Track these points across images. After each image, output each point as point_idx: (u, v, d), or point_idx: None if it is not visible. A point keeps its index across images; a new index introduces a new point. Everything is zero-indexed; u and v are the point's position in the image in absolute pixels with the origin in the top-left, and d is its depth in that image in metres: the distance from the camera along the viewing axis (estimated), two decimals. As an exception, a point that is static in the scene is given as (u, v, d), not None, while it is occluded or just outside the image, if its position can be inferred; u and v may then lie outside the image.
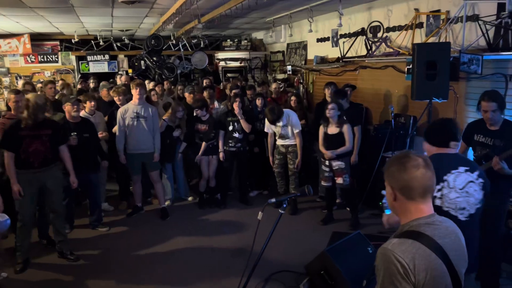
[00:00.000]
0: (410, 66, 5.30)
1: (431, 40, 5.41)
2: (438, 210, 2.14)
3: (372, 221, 5.32)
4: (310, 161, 6.54)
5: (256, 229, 2.43)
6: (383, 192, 2.68)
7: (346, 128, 5.15)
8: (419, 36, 5.70)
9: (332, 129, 5.21)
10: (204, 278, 4.16)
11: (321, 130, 5.33)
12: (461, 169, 2.45)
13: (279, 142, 5.83)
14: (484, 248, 3.23)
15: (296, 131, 5.68)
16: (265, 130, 5.94)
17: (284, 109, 5.70)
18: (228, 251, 4.75)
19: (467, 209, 2.43)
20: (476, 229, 2.50)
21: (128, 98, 5.89)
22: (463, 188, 2.42)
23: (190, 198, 6.39)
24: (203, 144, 5.89)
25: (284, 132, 5.70)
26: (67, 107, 4.91)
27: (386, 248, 1.53)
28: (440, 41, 5.23)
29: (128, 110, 5.47)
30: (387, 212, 2.46)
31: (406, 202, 1.62)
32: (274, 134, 5.84)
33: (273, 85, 7.79)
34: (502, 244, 3.82)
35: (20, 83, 9.22)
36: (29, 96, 4.20)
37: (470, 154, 3.86)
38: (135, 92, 5.44)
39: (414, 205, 1.61)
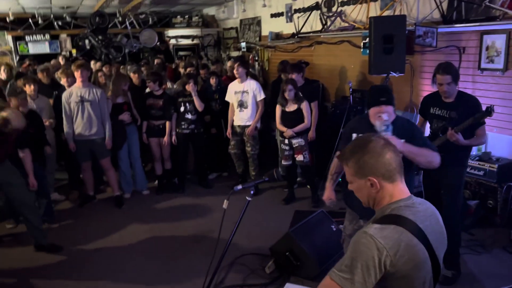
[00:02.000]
0: (366, 41, 5.26)
1: (386, 13, 5.38)
2: None
3: (333, 198, 5.31)
4: (269, 140, 6.43)
5: (222, 218, 2.29)
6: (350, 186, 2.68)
7: (304, 105, 5.08)
8: (374, 10, 5.66)
9: (290, 107, 5.11)
10: (167, 268, 3.99)
11: (278, 108, 5.22)
12: None
13: (236, 120, 5.68)
14: (445, 219, 3.30)
15: (259, 99, 5.55)
16: (226, 99, 5.79)
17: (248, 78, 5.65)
18: (189, 237, 4.58)
19: None
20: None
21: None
22: None
23: (145, 192, 5.92)
24: (145, 123, 5.62)
25: (243, 99, 5.55)
26: (13, 100, 4.42)
27: (366, 232, 1.43)
28: (395, 14, 5.21)
29: (72, 94, 5.07)
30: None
31: (388, 186, 1.53)
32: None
33: (228, 63, 7.56)
34: (461, 214, 3.93)
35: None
36: None
37: (427, 128, 3.88)
38: (77, 74, 5.03)
39: (396, 186, 1.54)
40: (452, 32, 4.70)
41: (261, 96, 5.58)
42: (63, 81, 5.57)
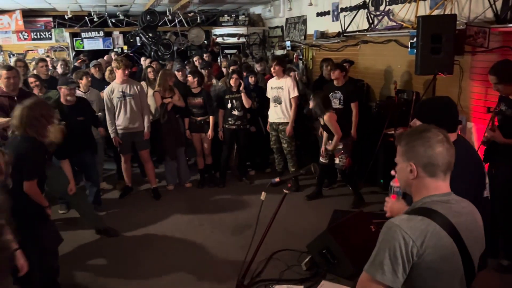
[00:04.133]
0: (414, 40, 5.14)
1: (435, 13, 5.23)
2: None
3: (374, 199, 5.25)
4: (309, 139, 6.44)
5: (260, 209, 2.35)
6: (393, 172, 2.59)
7: (326, 118, 4.98)
8: (423, 9, 5.51)
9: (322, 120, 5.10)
10: (205, 257, 4.12)
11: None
12: None
13: (270, 117, 5.77)
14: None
15: (292, 96, 5.59)
16: (266, 95, 5.90)
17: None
18: (228, 230, 4.69)
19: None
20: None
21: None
22: None
23: (188, 185, 6.10)
24: (187, 120, 5.80)
25: (278, 95, 5.62)
26: (62, 89, 4.71)
27: (393, 223, 1.45)
28: (445, 13, 5.06)
29: (114, 90, 5.31)
30: (393, 193, 2.29)
31: (426, 179, 1.53)
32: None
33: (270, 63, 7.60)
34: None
35: (12, 61, 9.00)
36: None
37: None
38: (119, 72, 5.25)
39: (434, 182, 1.53)
40: (506, 32, 4.51)
41: (294, 93, 5.61)
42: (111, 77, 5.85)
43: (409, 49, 5.55)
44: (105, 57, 8.74)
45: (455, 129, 2.14)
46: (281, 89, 5.63)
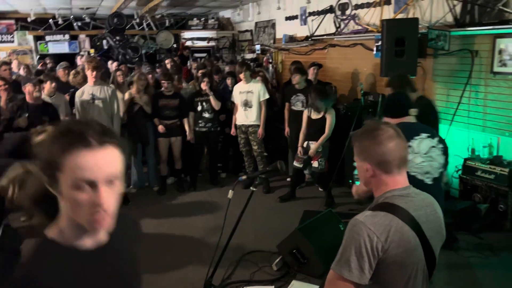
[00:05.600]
0: (379, 44, 5.28)
1: (399, 16, 5.40)
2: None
3: (343, 200, 5.33)
4: (280, 141, 6.48)
5: (227, 208, 2.34)
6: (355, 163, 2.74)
7: (329, 115, 5.11)
8: (388, 13, 5.68)
9: (315, 114, 5.16)
10: (176, 261, 4.06)
11: (305, 114, 5.27)
12: (423, 135, 2.59)
13: (239, 120, 5.77)
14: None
15: (262, 99, 5.64)
16: (231, 99, 5.89)
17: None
18: (198, 233, 4.66)
19: (431, 173, 2.56)
20: (440, 192, 2.62)
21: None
22: (427, 153, 2.55)
23: (156, 189, 6.01)
24: (159, 123, 5.67)
25: (248, 99, 5.64)
26: (28, 87, 4.57)
27: (357, 220, 1.48)
28: (408, 17, 5.23)
29: (84, 93, 5.20)
30: (357, 183, 2.50)
31: (383, 176, 1.56)
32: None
33: (237, 67, 7.62)
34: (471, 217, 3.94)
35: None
36: None
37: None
38: (90, 74, 5.15)
39: (391, 177, 1.56)
40: (465, 36, 4.70)
41: (265, 96, 5.67)
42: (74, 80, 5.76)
43: (374, 52, 5.69)
44: (79, 59, 8.51)
45: (407, 113, 2.69)
46: (251, 93, 5.65)
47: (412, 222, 1.48)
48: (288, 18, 8.17)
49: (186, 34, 10.89)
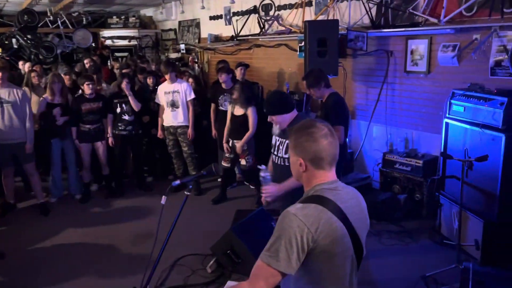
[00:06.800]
0: (302, 44, 5.45)
1: (320, 18, 5.60)
2: None
3: (273, 197, 5.41)
4: (208, 140, 6.42)
5: (160, 214, 2.27)
6: (262, 166, 2.88)
7: (250, 111, 5.08)
8: (309, 15, 5.87)
9: (238, 111, 5.15)
10: (106, 272, 3.86)
11: (229, 110, 5.24)
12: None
13: (166, 121, 5.64)
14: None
15: (189, 98, 5.55)
16: (156, 101, 5.72)
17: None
18: (127, 241, 4.47)
19: None
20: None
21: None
22: None
23: (78, 197, 5.67)
24: (74, 129, 5.38)
25: (174, 99, 5.52)
26: None
27: (288, 212, 1.53)
28: (329, 19, 5.44)
29: None
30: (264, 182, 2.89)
31: (314, 171, 1.63)
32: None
33: (161, 67, 7.44)
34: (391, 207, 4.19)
35: None
36: None
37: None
38: None
39: (321, 173, 1.63)
40: (381, 37, 5.01)
41: (191, 96, 5.59)
42: None
43: (298, 53, 5.86)
44: None
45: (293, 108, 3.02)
46: (177, 93, 5.54)
47: (340, 213, 1.56)
48: (213, 18, 8.14)
49: (106, 33, 10.42)
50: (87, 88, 5.32)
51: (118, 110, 5.52)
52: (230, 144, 5.23)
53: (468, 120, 3.78)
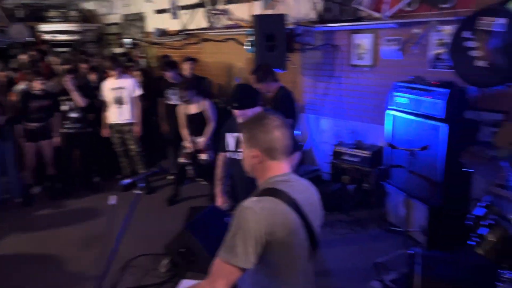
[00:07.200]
0: (251, 38, 5.44)
1: (268, 12, 5.61)
2: None
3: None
4: (156, 137, 6.27)
5: (112, 215, 2.19)
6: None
7: (207, 105, 4.98)
8: (257, 9, 5.86)
9: (192, 109, 5.02)
10: (57, 278, 3.69)
11: (181, 110, 5.07)
12: None
13: (112, 118, 5.45)
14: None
15: (135, 94, 5.40)
16: (102, 98, 5.50)
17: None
18: (76, 244, 4.29)
19: None
20: None
21: None
22: None
23: (19, 200, 5.35)
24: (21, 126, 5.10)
25: (121, 95, 5.34)
26: None
27: (244, 206, 1.53)
28: (277, 13, 5.46)
29: None
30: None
31: (268, 162, 1.65)
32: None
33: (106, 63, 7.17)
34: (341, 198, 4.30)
35: None
36: None
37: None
38: None
39: (275, 164, 1.66)
40: (327, 32, 5.11)
41: (138, 91, 5.45)
42: None
43: (247, 47, 5.83)
44: None
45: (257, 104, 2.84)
46: (123, 89, 5.35)
47: (294, 205, 1.58)
48: (159, 12, 7.93)
49: (44, 27, 9.86)
50: (38, 85, 5.04)
51: (65, 107, 5.27)
52: (190, 140, 5.12)
53: (411, 111, 3.95)
